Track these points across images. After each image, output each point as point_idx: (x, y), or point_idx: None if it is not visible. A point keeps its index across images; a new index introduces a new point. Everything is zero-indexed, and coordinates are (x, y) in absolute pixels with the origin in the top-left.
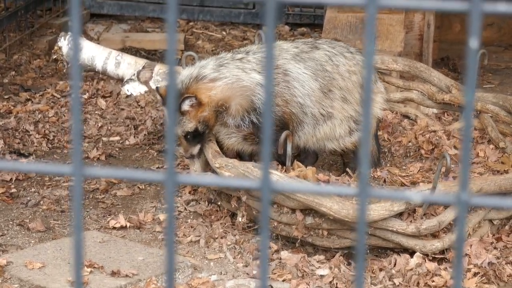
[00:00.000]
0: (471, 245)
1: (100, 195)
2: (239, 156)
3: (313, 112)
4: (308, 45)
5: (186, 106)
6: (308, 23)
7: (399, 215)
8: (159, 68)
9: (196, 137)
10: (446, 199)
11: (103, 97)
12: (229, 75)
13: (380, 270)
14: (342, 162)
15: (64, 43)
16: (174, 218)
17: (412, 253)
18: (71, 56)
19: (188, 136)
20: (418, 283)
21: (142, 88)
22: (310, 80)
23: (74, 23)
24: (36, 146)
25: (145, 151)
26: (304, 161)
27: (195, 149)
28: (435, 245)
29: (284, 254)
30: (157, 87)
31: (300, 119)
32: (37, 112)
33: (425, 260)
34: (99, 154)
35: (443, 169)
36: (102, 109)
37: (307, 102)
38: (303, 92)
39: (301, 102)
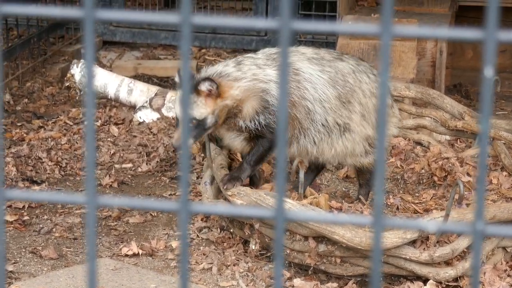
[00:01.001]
0: (484, 273)
1: (113, 222)
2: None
3: (327, 119)
4: (332, 55)
5: (204, 87)
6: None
7: (412, 242)
8: (172, 95)
9: (198, 129)
10: (461, 228)
11: (116, 124)
12: (248, 75)
13: None
14: (358, 183)
15: (76, 71)
16: (188, 246)
17: (425, 280)
18: (85, 83)
19: (189, 124)
20: None
21: (155, 115)
22: (326, 85)
23: (88, 51)
24: (48, 173)
25: (157, 178)
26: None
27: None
28: (449, 272)
29: (297, 281)
30: (178, 70)
31: (304, 126)
32: (49, 139)
33: None
34: (112, 181)
35: (456, 196)
36: (115, 136)
37: (317, 109)
38: (315, 96)
39: (310, 108)
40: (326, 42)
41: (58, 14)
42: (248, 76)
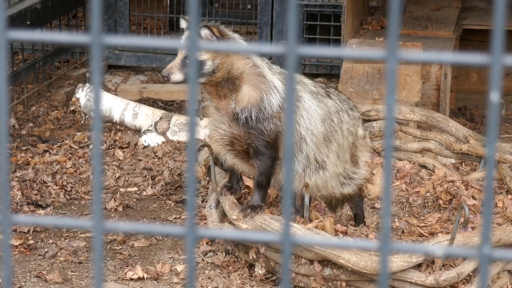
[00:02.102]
0: None
1: (118, 246)
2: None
3: (309, 153)
4: (323, 90)
5: (202, 33)
6: (325, 73)
7: (418, 266)
8: (177, 119)
9: None
10: (468, 252)
11: (121, 148)
12: (255, 58)
13: None
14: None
15: (82, 95)
16: (195, 271)
17: None
18: (93, 107)
19: (187, 61)
20: None
21: (160, 139)
22: (319, 120)
23: (95, 75)
24: (53, 197)
25: (162, 201)
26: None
27: (177, 77)
28: None
29: None
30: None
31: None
32: (54, 163)
33: None
34: (117, 205)
35: (462, 220)
36: (120, 160)
37: (307, 139)
38: (308, 126)
39: (302, 135)
40: (331, 65)
41: (66, 40)
42: (259, 64)
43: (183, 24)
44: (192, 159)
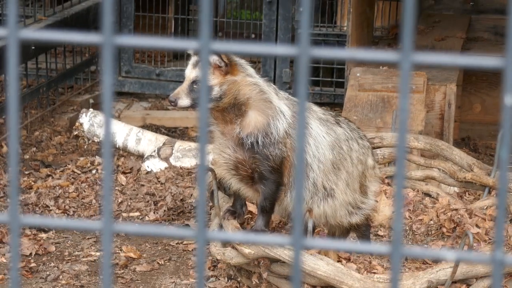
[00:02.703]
0: None
1: (120, 270)
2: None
3: (316, 180)
4: (332, 118)
5: (212, 59)
6: (328, 102)
7: None
8: (180, 145)
9: (199, 95)
10: (481, 257)
11: (124, 173)
12: (262, 83)
13: None
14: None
15: (85, 120)
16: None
17: None
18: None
19: (195, 86)
20: None
21: (163, 165)
22: (327, 147)
23: (106, 77)
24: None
25: (164, 227)
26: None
27: (184, 102)
28: None
29: None
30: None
31: None
32: (57, 187)
33: None
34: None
35: (466, 248)
36: (122, 185)
37: (314, 166)
38: (315, 153)
39: (308, 162)
40: (334, 94)
41: (77, 40)
42: (262, 84)
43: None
44: (203, 161)
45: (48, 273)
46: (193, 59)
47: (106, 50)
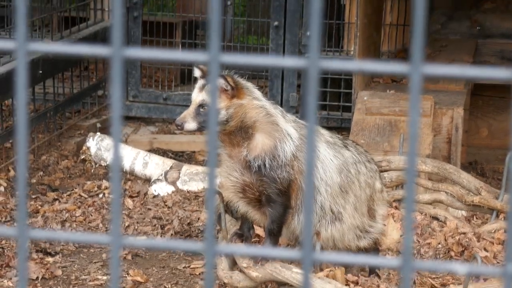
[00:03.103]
0: None
1: None
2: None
3: (324, 203)
4: (340, 141)
5: (220, 82)
6: (335, 126)
7: None
8: (187, 169)
9: (205, 118)
10: (492, 271)
11: (130, 197)
12: (269, 106)
13: None
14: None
15: (92, 143)
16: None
17: None
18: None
19: (201, 109)
20: None
21: (170, 188)
22: (335, 170)
23: (115, 90)
24: (62, 245)
25: (171, 251)
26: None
27: (191, 126)
28: None
29: None
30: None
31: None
32: (64, 211)
33: None
34: (126, 253)
35: None
36: (129, 209)
37: (321, 190)
38: (323, 177)
39: (316, 185)
40: (341, 118)
41: (86, 52)
42: (269, 107)
43: (196, 73)
44: (213, 169)
45: None
46: (200, 82)
47: (115, 63)
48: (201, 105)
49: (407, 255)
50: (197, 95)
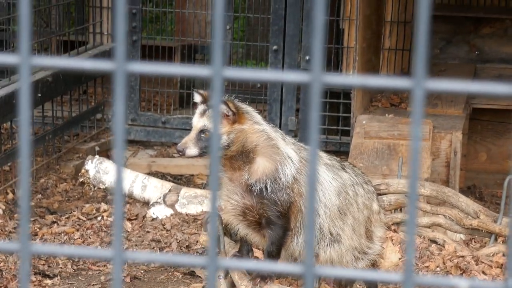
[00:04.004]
0: None
1: None
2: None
3: (323, 226)
4: (338, 163)
5: (222, 108)
6: (334, 150)
7: None
8: (185, 192)
9: (207, 144)
10: (494, 286)
11: (129, 219)
12: (269, 130)
13: None
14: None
15: (91, 166)
16: None
17: None
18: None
19: (202, 135)
20: None
21: (168, 211)
22: (333, 193)
23: (118, 105)
24: (61, 267)
25: (170, 273)
26: None
27: (192, 151)
28: None
29: None
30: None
31: (305, 223)
32: (62, 234)
33: None
34: (124, 276)
35: None
36: (128, 232)
37: (320, 212)
38: (322, 199)
39: (315, 207)
40: (340, 142)
41: (89, 67)
42: (269, 131)
43: (196, 98)
44: (215, 172)
45: None
46: (200, 108)
47: (118, 77)
48: (202, 131)
49: (409, 269)
50: (198, 121)
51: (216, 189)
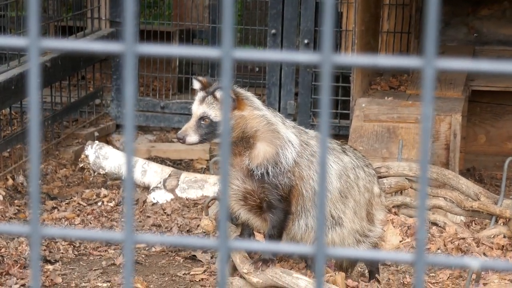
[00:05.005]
0: None
1: None
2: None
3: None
4: (339, 146)
5: (219, 95)
6: (333, 134)
7: None
8: (185, 176)
9: (209, 130)
10: (506, 266)
11: None
12: (269, 115)
13: None
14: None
15: (91, 152)
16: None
17: None
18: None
19: (202, 122)
20: None
21: (168, 196)
22: (334, 176)
23: (127, 87)
24: (62, 253)
25: (171, 258)
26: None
27: (192, 138)
28: None
29: None
30: (195, 77)
31: (306, 207)
32: (63, 219)
33: None
34: (124, 262)
35: (474, 276)
36: None
37: None
38: None
39: (316, 190)
40: (339, 126)
41: (98, 49)
42: (269, 116)
43: (195, 85)
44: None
45: None
46: (200, 95)
47: (128, 59)
48: (202, 118)
49: (421, 249)
50: (198, 108)
51: (227, 174)
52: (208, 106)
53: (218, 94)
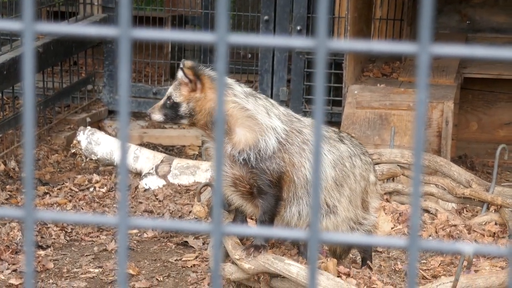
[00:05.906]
0: None
1: (118, 286)
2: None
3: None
4: (336, 135)
5: (179, 75)
6: (326, 120)
7: None
8: (178, 162)
9: (171, 110)
10: (498, 251)
11: None
12: (243, 101)
13: None
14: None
15: (83, 137)
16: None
17: None
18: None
19: (168, 102)
20: None
21: (160, 182)
22: (329, 164)
23: (123, 72)
24: (54, 238)
25: (163, 244)
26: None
27: (156, 116)
28: None
29: None
30: (180, 63)
31: (298, 194)
32: (55, 205)
33: None
34: (117, 247)
35: (465, 263)
36: None
37: None
38: None
39: (308, 178)
40: (331, 112)
41: (93, 33)
42: (248, 107)
43: (181, 65)
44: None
45: None
46: (179, 73)
47: (123, 43)
48: (168, 98)
49: (414, 234)
50: (169, 88)
51: (221, 159)
52: (174, 87)
53: (179, 74)
